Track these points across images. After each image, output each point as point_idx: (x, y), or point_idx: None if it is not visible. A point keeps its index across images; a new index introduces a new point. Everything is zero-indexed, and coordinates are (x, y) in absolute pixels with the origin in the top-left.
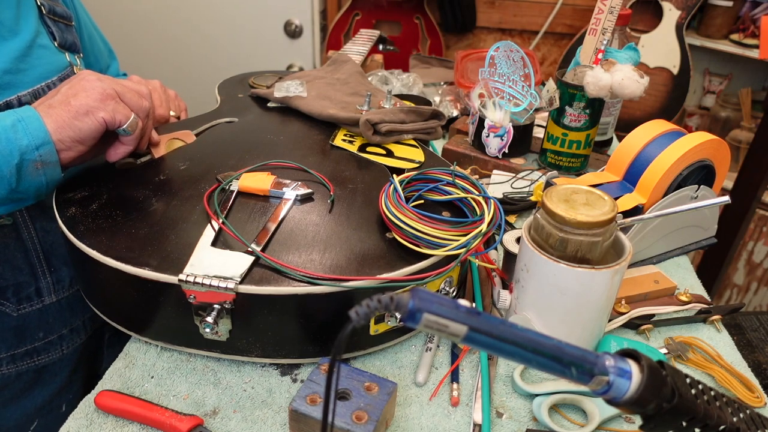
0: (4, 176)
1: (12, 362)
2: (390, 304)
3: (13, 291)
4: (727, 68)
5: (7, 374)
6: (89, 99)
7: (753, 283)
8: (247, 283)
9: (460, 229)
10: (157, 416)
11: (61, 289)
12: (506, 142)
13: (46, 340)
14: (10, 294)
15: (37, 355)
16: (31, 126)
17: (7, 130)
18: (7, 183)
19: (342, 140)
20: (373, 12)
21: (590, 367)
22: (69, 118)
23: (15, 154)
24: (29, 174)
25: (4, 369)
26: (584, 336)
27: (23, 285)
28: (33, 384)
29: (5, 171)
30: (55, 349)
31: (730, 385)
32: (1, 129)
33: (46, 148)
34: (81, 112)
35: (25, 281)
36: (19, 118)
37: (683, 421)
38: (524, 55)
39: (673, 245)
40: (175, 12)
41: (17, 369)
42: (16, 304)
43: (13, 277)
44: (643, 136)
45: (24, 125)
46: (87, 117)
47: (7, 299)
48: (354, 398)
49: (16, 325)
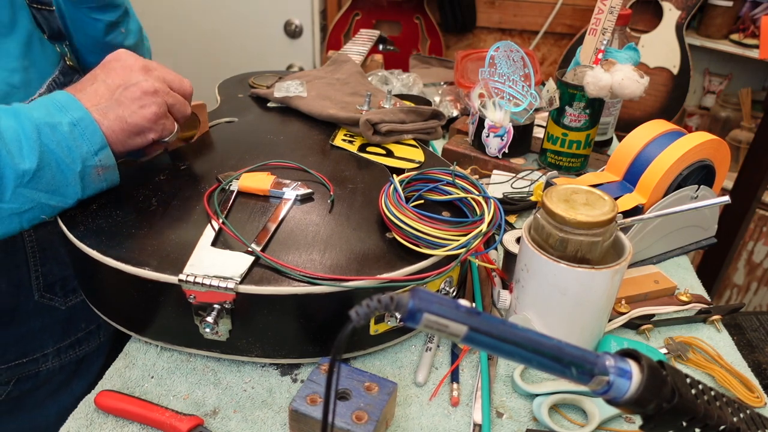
0: (69, 184)
1: (57, 355)
2: (390, 304)
3: (61, 285)
4: (727, 68)
5: (52, 368)
6: (145, 119)
7: (753, 283)
8: (247, 283)
9: (460, 229)
10: (157, 416)
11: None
12: (506, 142)
13: (87, 330)
14: (58, 288)
15: (79, 345)
16: (87, 130)
17: (66, 137)
18: (73, 192)
19: (342, 140)
20: (373, 12)
21: (590, 367)
22: (123, 136)
23: (77, 161)
24: (92, 181)
25: (49, 363)
26: (584, 336)
27: (69, 278)
28: (72, 376)
29: (70, 179)
30: (94, 338)
31: (730, 385)
32: (61, 136)
33: (105, 152)
34: (134, 132)
35: (70, 274)
36: (74, 122)
37: (683, 421)
38: (524, 55)
39: (673, 245)
40: (175, 12)
41: (61, 362)
42: (63, 298)
43: (60, 271)
44: (643, 136)
45: (80, 130)
46: (139, 137)
47: (55, 294)
48: (354, 398)
49: (64, 318)
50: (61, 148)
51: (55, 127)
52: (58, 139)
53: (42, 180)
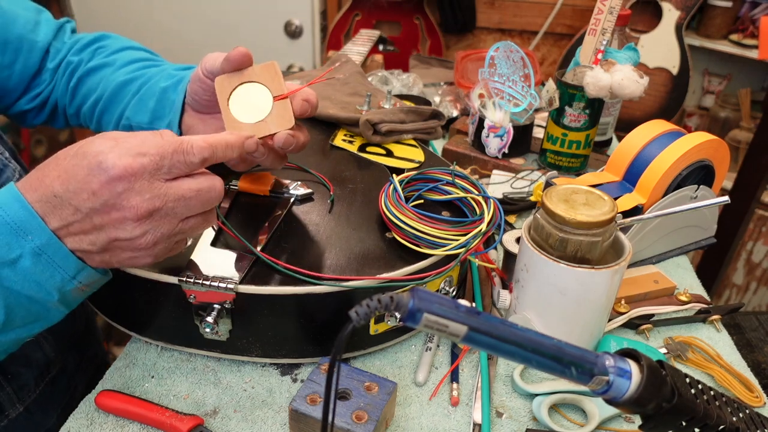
0: (50, 310)
1: None
2: (390, 304)
3: None
4: (726, 68)
5: None
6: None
7: (752, 282)
8: (247, 283)
9: (459, 229)
10: (157, 416)
11: (27, 394)
12: (506, 142)
13: None
14: None
15: None
16: (56, 257)
17: (31, 272)
18: (57, 314)
19: (342, 140)
20: (373, 12)
21: (590, 366)
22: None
23: (52, 292)
24: (78, 297)
25: None
26: (584, 336)
27: None
28: None
29: (49, 306)
30: None
31: (730, 385)
32: (25, 273)
33: (84, 273)
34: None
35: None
36: (36, 250)
37: (683, 421)
38: (524, 56)
39: (672, 245)
40: (175, 12)
41: None
42: None
43: None
44: (642, 136)
45: (47, 259)
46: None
47: None
48: (354, 398)
49: None
50: (29, 285)
51: (16, 264)
52: (23, 277)
53: (15, 321)
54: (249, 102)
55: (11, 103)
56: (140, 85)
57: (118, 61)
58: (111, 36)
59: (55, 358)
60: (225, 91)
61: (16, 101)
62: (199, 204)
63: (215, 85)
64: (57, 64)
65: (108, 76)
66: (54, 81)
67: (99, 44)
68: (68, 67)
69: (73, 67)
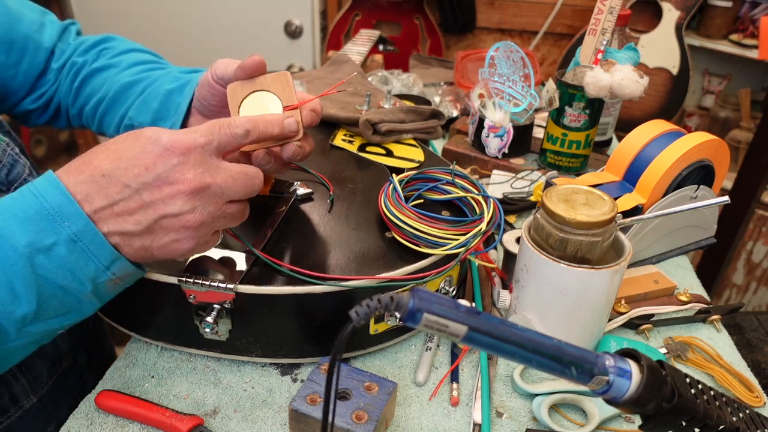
0: (83, 302)
1: None
2: (390, 304)
3: None
4: (726, 68)
5: None
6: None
7: (752, 282)
8: (247, 283)
9: (459, 228)
10: (157, 416)
11: (40, 386)
12: (506, 142)
13: None
14: None
15: None
16: (91, 246)
17: (66, 260)
18: (90, 307)
19: (342, 140)
20: (373, 12)
21: (590, 366)
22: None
23: (86, 282)
24: (111, 291)
25: None
26: (584, 336)
27: None
28: None
29: (82, 298)
30: None
31: (730, 385)
32: (59, 261)
33: (119, 264)
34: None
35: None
36: (72, 237)
37: (683, 421)
38: (524, 56)
39: (672, 245)
40: (175, 12)
41: None
42: None
43: None
44: (642, 136)
45: (82, 247)
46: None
47: None
48: (354, 398)
49: None
50: (63, 274)
51: (50, 251)
52: (57, 265)
53: (48, 311)
54: (259, 111)
55: (16, 103)
56: (145, 86)
57: (123, 63)
58: (116, 38)
59: (67, 351)
60: (236, 99)
61: (21, 101)
62: (243, 188)
63: (227, 92)
64: (61, 64)
65: (112, 77)
66: (58, 81)
67: (104, 46)
68: (73, 67)
69: (77, 67)
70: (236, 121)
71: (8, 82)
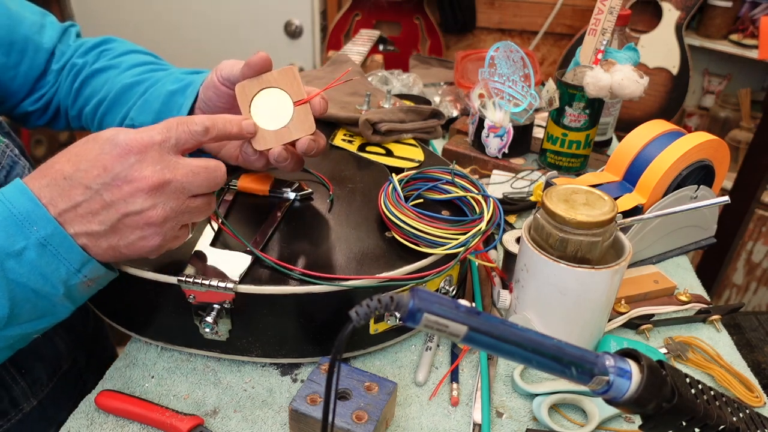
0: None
1: None
2: (390, 304)
3: None
4: (726, 68)
5: None
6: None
7: (752, 283)
8: (247, 282)
9: (459, 228)
10: (157, 416)
11: (40, 389)
12: (506, 142)
13: None
14: None
15: None
16: (61, 249)
17: (36, 264)
18: (64, 310)
19: (341, 140)
20: (373, 12)
21: (590, 366)
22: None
23: (58, 285)
24: (84, 293)
25: None
26: (584, 336)
27: None
28: None
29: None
30: None
31: (730, 385)
32: (30, 265)
33: (89, 266)
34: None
35: None
36: (41, 241)
37: (683, 421)
38: (524, 56)
39: (672, 245)
40: (175, 12)
41: None
42: None
43: None
44: (642, 136)
45: (52, 251)
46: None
47: None
48: (354, 398)
49: None
50: (34, 278)
51: (21, 256)
52: (28, 269)
53: (21, 316)
54: (270, 108)
55: (16, 104)
56: (146, 87)
57: (123, 64)
58: (116, 39)
59: (67, 353)
60: (246, 98)
61: (21, 102)
62: (205, 182)
63: (236, 93)
64: (61, 66)
65: (113, 78)
66: (58, 83)
67: (104, 47)
68: (73, 69)
69: (77, 69)
70: (195, 119)
71: (8, 84)
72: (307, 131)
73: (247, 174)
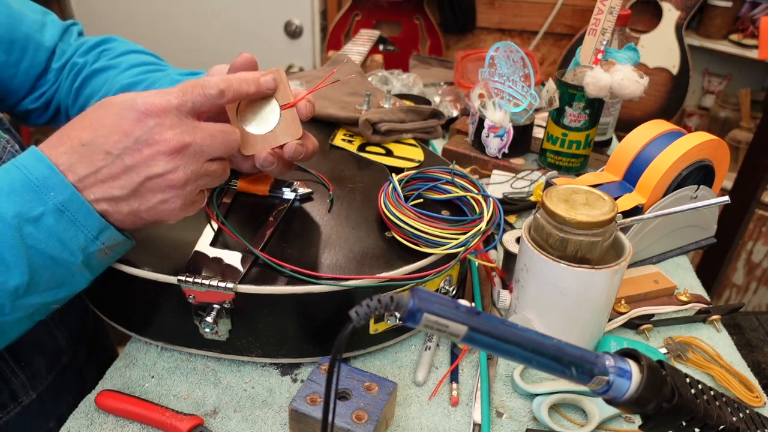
0: (74, 274)
1: None
2: (390, 304)
3: None
4: (726, 68)
5: None
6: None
7: (752, 283)
8: (247, 282)
9: (459, 228)
10: (157, 416)
11: (39, 382)
12: (506, 142)
13: None
14: None
15: None
16: (79, 215)
17: (54, 229)
18: (82, 279)
19: (341, 140)
20: (373, 12)
21: (590, 366)
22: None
23: (76, 253)
24: (102, 261)
25: None
26: (584, 336)
27: None
28: None
29: (74, 270)
30: None
31: (730, 385)
32: (48, 231)
33: (107, 233)
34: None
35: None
36: (59, 207)
37: (683, 421)
38: (524, 56)
39: (672, 245)
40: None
41: None
42: None
43: None
44: (642, 136)
45: (70, 217)
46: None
47: None
48: (354, 398)
49: None
50: (52, 244)
51: (39, 221)
52: (46, 235)
53: (40, 284)
54: (257, 112)
55: (16, 102)
56: (144, 88)
57: (123, 64)
58: (116, 39)
59: (67, 347)
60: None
61: (21, 100)
62: (222, 145)
63: None
64: (62, 64)
65: (112, 78)
66: (58, 81)
67: (104, 47)
68: (73, 68)
69: (78, 68)
70: (210, 81)
71: (8, 82)
72: (294, 135)
73: (246, 174)
